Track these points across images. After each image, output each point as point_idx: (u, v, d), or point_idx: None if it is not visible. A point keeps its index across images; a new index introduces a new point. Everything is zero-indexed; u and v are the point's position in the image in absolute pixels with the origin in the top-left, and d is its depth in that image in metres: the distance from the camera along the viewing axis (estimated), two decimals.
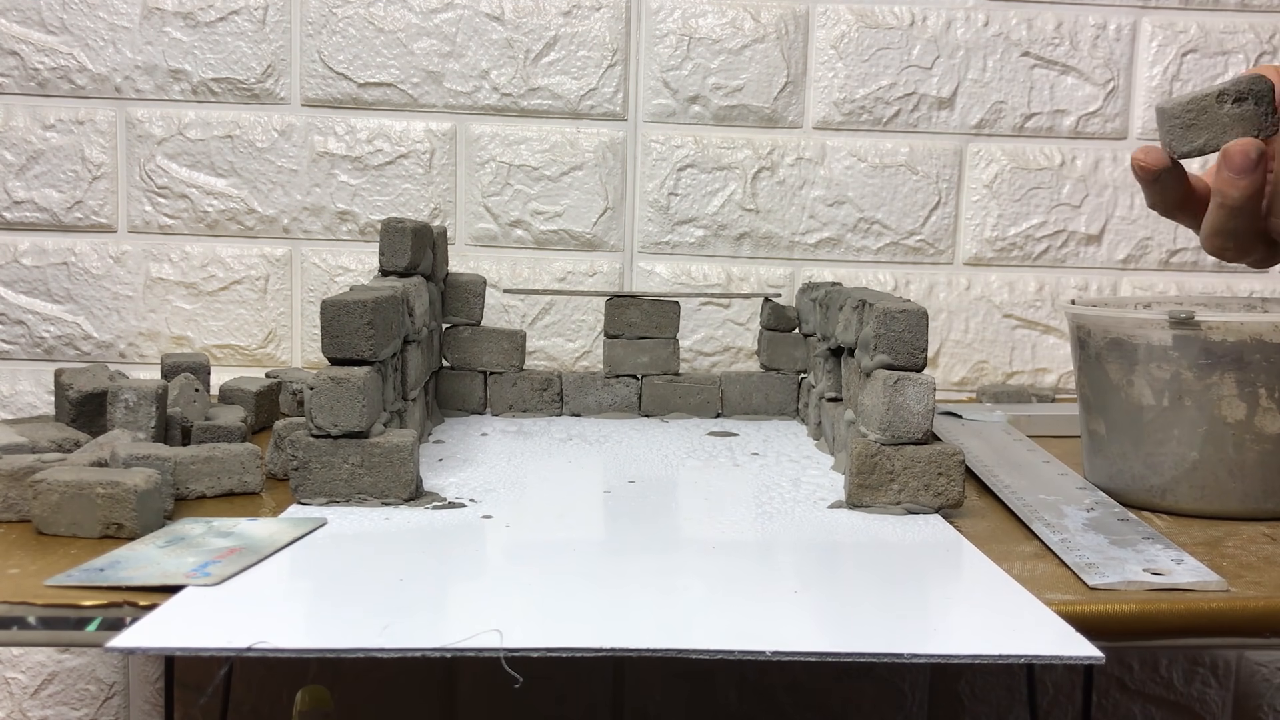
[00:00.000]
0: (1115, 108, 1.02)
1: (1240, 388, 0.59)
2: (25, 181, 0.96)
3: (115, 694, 0.99)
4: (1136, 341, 0.61)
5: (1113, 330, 0.62)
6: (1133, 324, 0.61)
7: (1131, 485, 0.63)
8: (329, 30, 0.97)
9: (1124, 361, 0.62)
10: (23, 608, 0.44)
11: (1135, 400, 0.62)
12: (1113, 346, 0.63)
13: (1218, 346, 0.59)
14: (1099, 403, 0.64)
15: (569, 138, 0.99)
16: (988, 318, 1.03)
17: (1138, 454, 0.62)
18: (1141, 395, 0.62)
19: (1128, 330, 0.62)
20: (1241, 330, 0.59)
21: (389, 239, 0.77)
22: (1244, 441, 0.60)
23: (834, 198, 1.01)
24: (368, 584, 0.47)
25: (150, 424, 0.65)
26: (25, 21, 0.95)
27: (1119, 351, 0.62)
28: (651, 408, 0.89)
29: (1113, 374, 0.63)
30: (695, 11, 0.99)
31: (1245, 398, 0.59)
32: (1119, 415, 0.63)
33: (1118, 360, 0.62)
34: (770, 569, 0.51)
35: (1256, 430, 0.60)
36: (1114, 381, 0.63)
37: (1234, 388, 0.59)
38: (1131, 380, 0.62)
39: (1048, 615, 0.45)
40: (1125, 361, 0.62)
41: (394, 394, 0.68)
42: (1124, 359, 0.62)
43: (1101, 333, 0.63)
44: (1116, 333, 0.62)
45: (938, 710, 1.03)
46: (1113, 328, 0.62)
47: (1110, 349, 0.63)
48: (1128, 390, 0.62)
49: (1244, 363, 0.59)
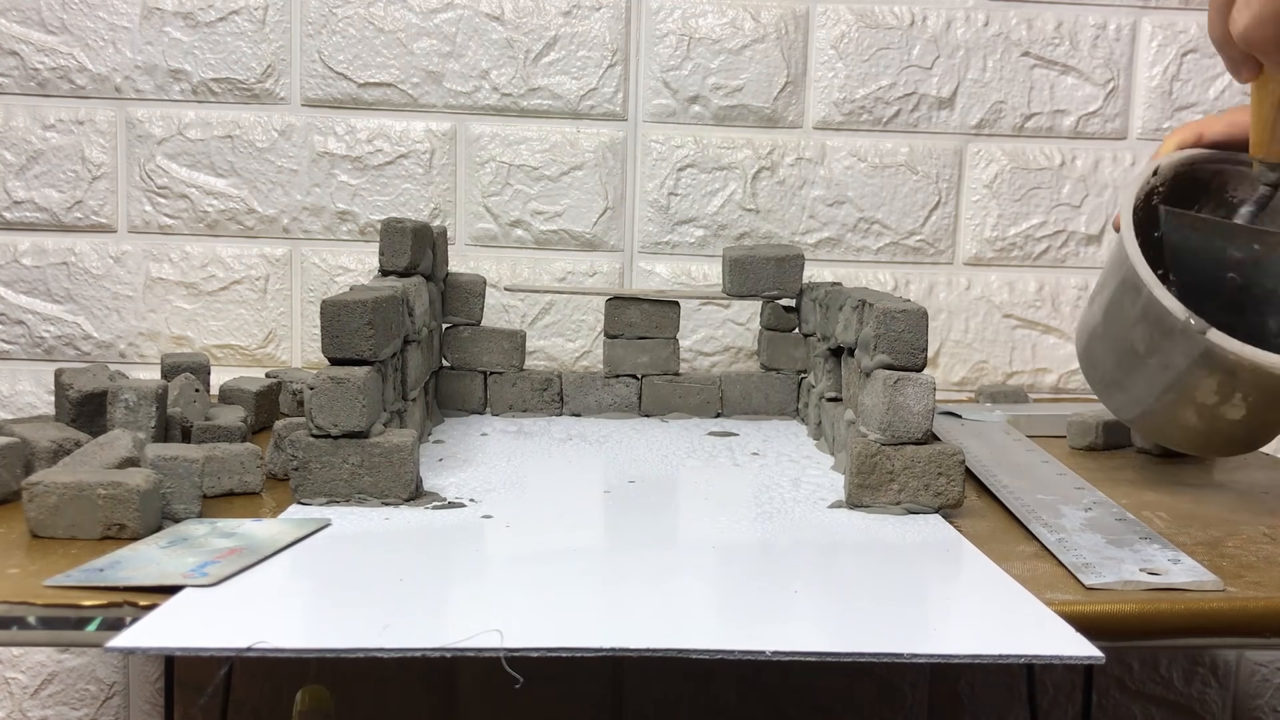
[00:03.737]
0: (1115, 108, 1.02)
1: (1222, 388, 0.61)
2: (25, 181, 0.96)
3: (115, 694, 0.99)
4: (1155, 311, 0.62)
5: (1144, 294, 0.62)
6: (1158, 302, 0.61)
7: (1096, 385, 0.70)
8: (329, 30, 0.97)
9: (1138, 311, 0.63)
10: (23, 608, 0.44)
11: (1130, 340, 0.65)
12: (1135, 292, 0.63)
13: (1220, 360, 0.60)
14: (1109, 312, 0.67)
15: (569, 138, 0.99)
16: (988, 318, 1.03)
17: (1109, 371, 0.68)
18: (1136, 342, 0.64)
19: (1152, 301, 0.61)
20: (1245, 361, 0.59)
21: (389, 239, 0.77)
22: (1206, 418, 0.63)
23: (834, 198, 1.01)
24: (368, 584, 0.47)
25: (150, 424, 0.65)
26: (25, 21, 0.95)
27: (1135, 297, 0.63)
28: (651, 408, 0.89)
29: (1126, 308, 0.65)
30: (695, 11, 0.99)
31: (1223, 394, 0.62)
32: (1114, 335, 0.67)
33: (1132, 303, 0.64)
34: (770, 569, 0.51)
35: (1220, 414, 0.63)
36: (1125, 313, 0.65)
37: (1215, 384, 0.61)
38: (1135, 326, 0.64)
39: (1048, 615, 0.45)
40: (1139, 312, 0.63)
41: (394, 394, 0.68)
42: (1139, 310, 0.63)
43: (1134, 280, 0.63)
44: (1146, 300, 0.62)
45: (938, 710, 1.03)
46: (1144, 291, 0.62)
47: (1133, 293, 0.63)
48: (1129, 329, 0.65)
49: (1237, 378, 0.61)
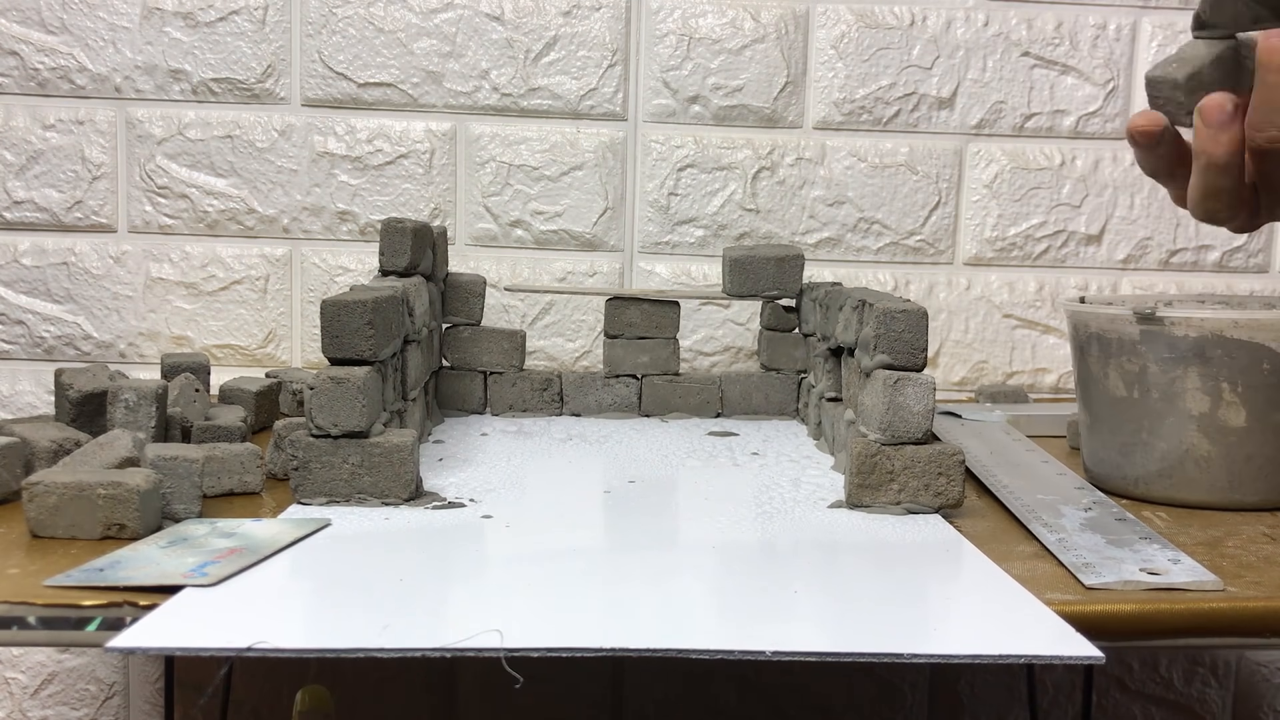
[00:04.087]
0: (1115, 108, 1.02)
1: (1203, 381, 0.61)
2: (25, 181, 0.96)
3: (115, 694, 0.99)
4: (1110, 336, 0.64)
5: (1092, 325, 0.65)
6: (1106, 319, 0.64)
7: (1111, 474, 0.66)
8: (329, 30, 0.97)
9: (1101, 355, 0.65)
10: (23, 608, 0.44)
11: (1111, 392, 0.64)
12: (1092, 340, 0.65)
13: (1180, 342, 0.61)
14: (1085, 394, 0.67)
15: (569, 138, 0.99)
16: (988, 318, 1.03)
17: (1114, 443, 0.65)
18: (1115, 387, 0.64)
19: (1102, 325, 0.64)
20: (1203, 326, 0.60)
21: (389, 239, 0.77)
22: (1208, 433, 0.61)
23: (834, 198, 1.01)
24: (368, 584, 0.47)
25: (150, 424, 0.65)
26: (25, 21, 0.95)
27: (1098, 345, 0.65)
28: (651, 408, 0.89)
29: (1093, 367, 0.65)
30: (695, 11, 0.99)
31: (1208, 391, 0.61)
32: (1099, 406, 0.66)
33: (1097, 353, 0.65)
34: (770, 569, 0.51)
35: (1220, 423, 0.61)
36: (1094, 374, 0.66)
37: (1197, 381, 0.61)
38: (1107, 373, 0.64)
39: (1048, 615, 0.45)
40: (1102, 355, 0.65)
41: (394, 394, 0.68)
42: (1102, 352, 0.65)
43: (1084, 327, 0.66)
44: (1095, 327, 0.65)
45: (938, 710, 1.03)
46: (1091, 322, 0.65)
47: (1090, 342, 0.65)
48: (1104, 382, 0.65)
49: (1206, 358, 0.61)
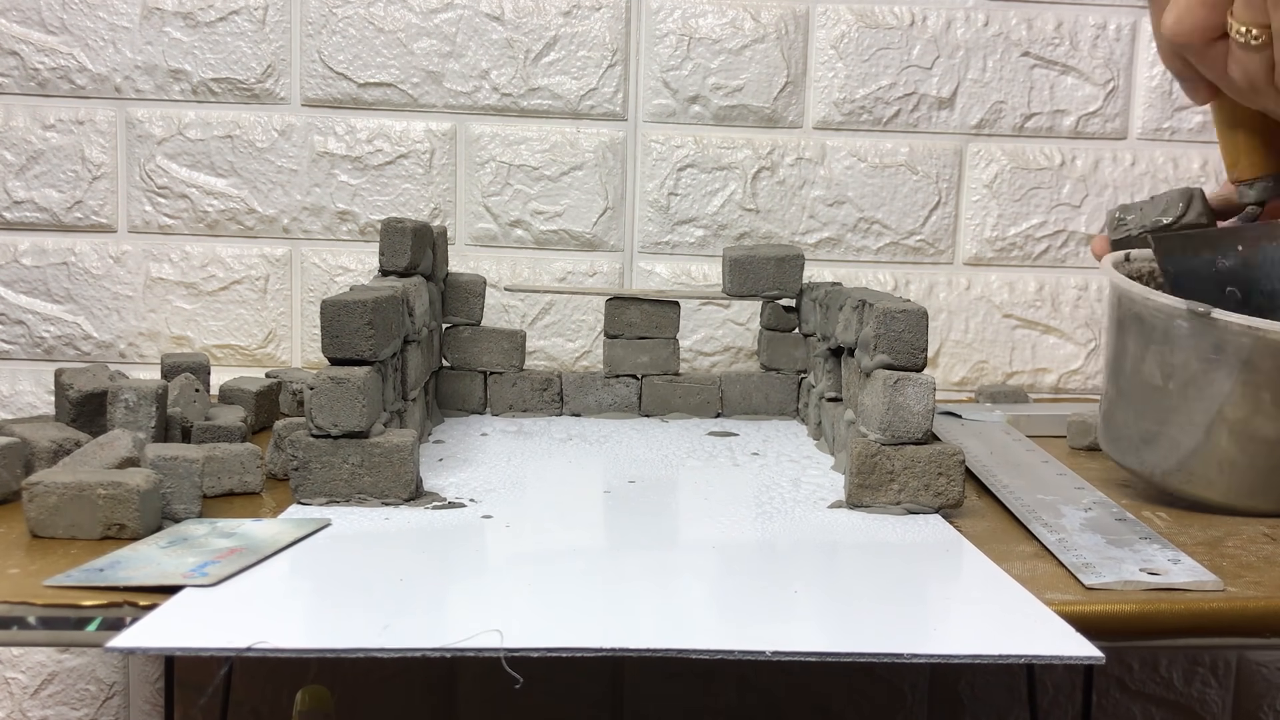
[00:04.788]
0: (1115, 108, 1.02)
1: (1245, 388, 0.60)
2: (25, 181, 0.96)
3: (115, 694, 0.99)
4: (1154, 321, 0.62)
5: (1137, 305, 0.63)
6: (1155, 306, 0.61)
7: (1127, 456, 0.65)
8: (329, 30, 0.97)
9: (1141, 337, 0.63)
10: (23, 608, 0.44)
11: (1145, 377, 0.63)
12: (1132, 320, 0.63)
13: (1230, 345, 0.59)
14: (1115, 369, 0.65)
15: (569, 138, 0.99)
16: (988, 318, 1.03)
17: (1138, 427, 0.64)
18: (1150, 374, 0.62)
19: (1149, 310, 0.62)
20: (1258, 335, 0.59)
21: (389, 239, 0.77)
22: (1238, 439, 0.60)
23: (834, 198, 1.01)
24: (368, 584, 0.47)
25: (150, 424, 0.65)
26: (25, 21, 0.95)
27: (1138, 327, 0.63)
28: (651, 408, 0.89)
29: (1130, 345, 0.64)
30: (695, 11, 0.99)
31: (1248, 398, 0.60)
32: (1128, 386, 0.64)
33: (1136, 335, 0.63)
34: (770, 569, 0.51)
35: (1252, 431, 0.60)
36: (1130, 353, 0.64)
37: (1239, 387, 0.60)
38: (1144, 357, 0.63)
39: (1048, 615, 0.45)
40: (1142, 338, 0.63)
41: (394, 394, 0.68)
42: (1141, 335, 0.63)
43: (1127, 302, 0.63)
44: (1139, 308, 0.62)
45: (938, 710, 1.03)
46: (1137, 302, 0.63)
47: (1130, 321, 0.63)
48: (1139, 365, 0.63)
49: (1254, 366, 0.59)
